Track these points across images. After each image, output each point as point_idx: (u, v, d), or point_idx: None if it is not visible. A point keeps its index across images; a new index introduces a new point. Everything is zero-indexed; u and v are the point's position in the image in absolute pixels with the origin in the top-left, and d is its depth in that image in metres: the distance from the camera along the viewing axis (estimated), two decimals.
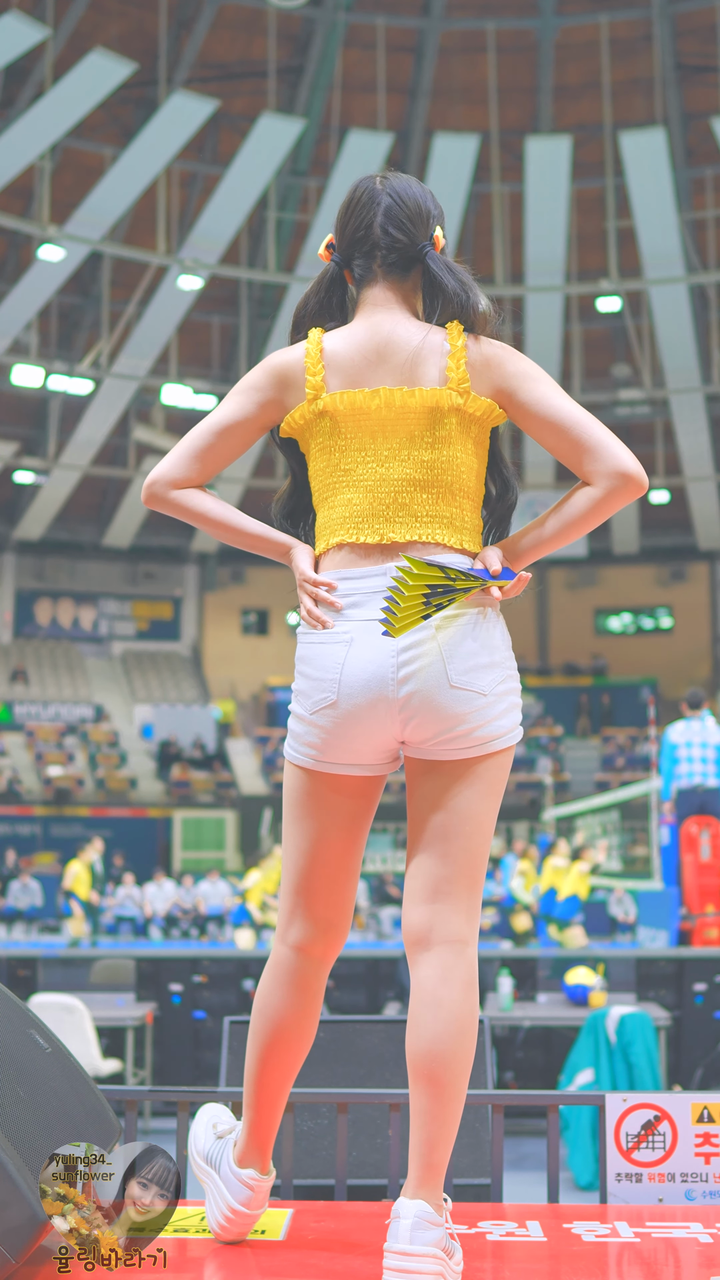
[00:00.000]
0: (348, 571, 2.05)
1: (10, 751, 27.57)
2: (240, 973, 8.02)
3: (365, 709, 2.02)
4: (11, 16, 20.14)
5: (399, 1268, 1.87)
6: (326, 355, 2.09)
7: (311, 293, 2.19)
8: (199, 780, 27.65)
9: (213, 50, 24.66)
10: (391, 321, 2.10)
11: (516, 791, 27.32)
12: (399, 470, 2.05)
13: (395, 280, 2.14)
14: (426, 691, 1.99)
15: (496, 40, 24.22)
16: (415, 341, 2.07)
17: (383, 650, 2.00)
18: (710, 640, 31.46)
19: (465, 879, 2.04)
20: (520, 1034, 7.44)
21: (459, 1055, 1.98)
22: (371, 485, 2.06)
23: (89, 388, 25.49)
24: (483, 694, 2.01)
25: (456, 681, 2.00)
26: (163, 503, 2.14)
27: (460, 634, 2.01)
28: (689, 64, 24.57)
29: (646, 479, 2.04)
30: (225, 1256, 2.11)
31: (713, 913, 8.81)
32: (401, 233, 2.12)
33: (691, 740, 9.08)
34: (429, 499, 2.05)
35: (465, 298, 2.09)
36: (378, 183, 2.17)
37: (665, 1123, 2.50)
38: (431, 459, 2.05)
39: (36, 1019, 2.49)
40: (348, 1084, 2.98)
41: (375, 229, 2.13)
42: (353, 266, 2.17)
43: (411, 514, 2.05)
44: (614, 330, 27.66)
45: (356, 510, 2.06)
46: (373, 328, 2.10)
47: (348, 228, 2.16)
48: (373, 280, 2.14)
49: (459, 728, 2.01)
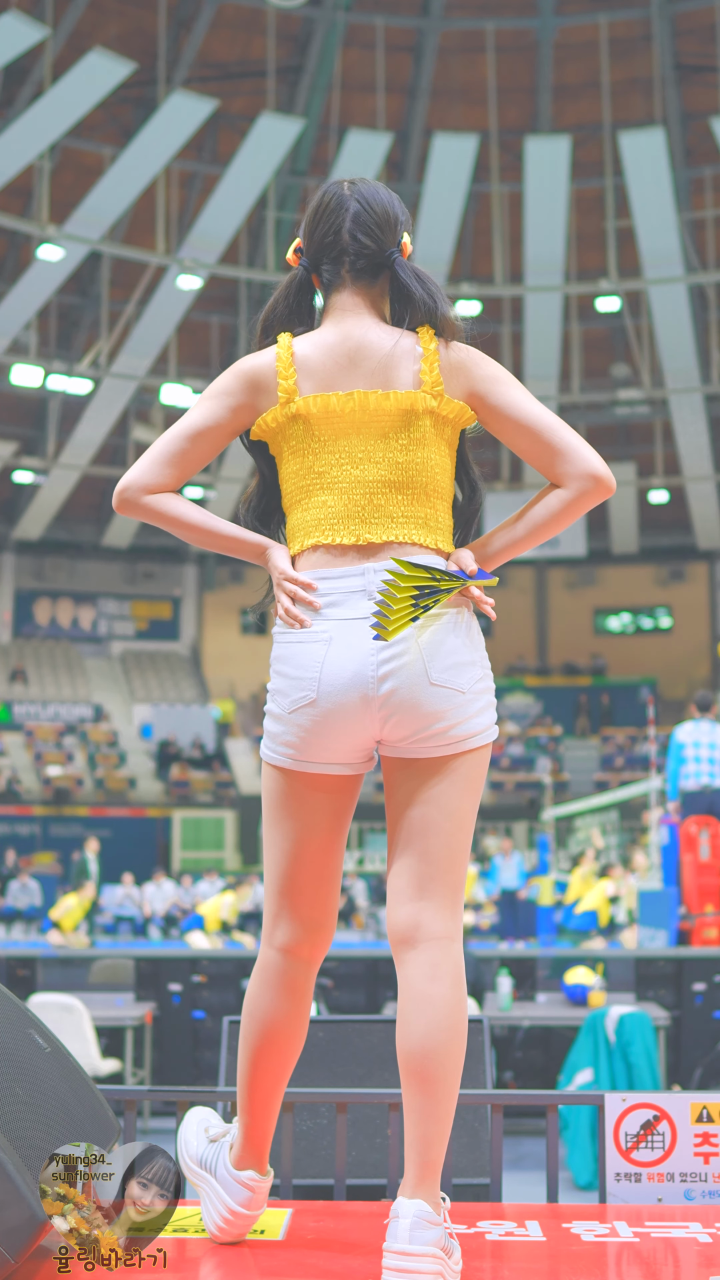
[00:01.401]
0: (325, 572, 2.06)
1: (9, 751, 27.57)
2: (239, 972, 8.03)
3: (344, 707, 2.02)
4: (11, 16, 20.14)
5: (398, 1267, 1.87)
6: (297, 359, 2.10)
7: (280, 297, 2.19)
8: (198, 780, 27.65)
9: (212, 50, 24.66)
10: (362, 327, 2.12)
11: (515, 791, 27.32)
12: (374, 472, 2.07)
13: (364, 286, 2.15)
14: (406, 689, 2.01)
15: (496, 40, 24.22)
16: (387, 346, 2.09)
17: (362, 649, 2.02)
18: (710, 640, 31.46)
19: (447, 876, 2.05)
20: (519, 1034, 7.44)
21: (450, 1051, 1.98)
22: (346, 487, 2.07)
23: (88, 387, 25.49)
24: (461, 691, 2.02)
25: (436, 679, 2.01)
26: (135, 508, 2.14)
27: (440, 633, 2.03)
28: (688, 64, 24.57)
29: (614, 481, 2.08)
30: (224, 1256, 2.11)
31: (712, 912, 8.81)
32: (370, 239, 2.13)
33: (700, 741, 9.09)
34: (404, 500, 2.07)
35: (433, 305, 2.11)
36: (345, 188, 2.17)
37: (664, 1122, 2.50)
38: (406, 460, 2.07)
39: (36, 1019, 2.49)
40: (347, 1084, 2.99)
41: (344, 235, 2.14)
42: (320, 271, 2.18)
43: (387, 515, 2.06)
44: (613, 330, 27.66)
45: (332, 512, 2.07)
46: (343, 333, 2.12)
47: (316, 233, 2.17)
48: (341, 285, 2.15)
49: (437, 725, 2.02)
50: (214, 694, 31.14)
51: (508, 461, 27.76)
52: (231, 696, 31.29)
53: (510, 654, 31.17)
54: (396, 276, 2.13)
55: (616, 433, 29.77)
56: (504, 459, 27.68)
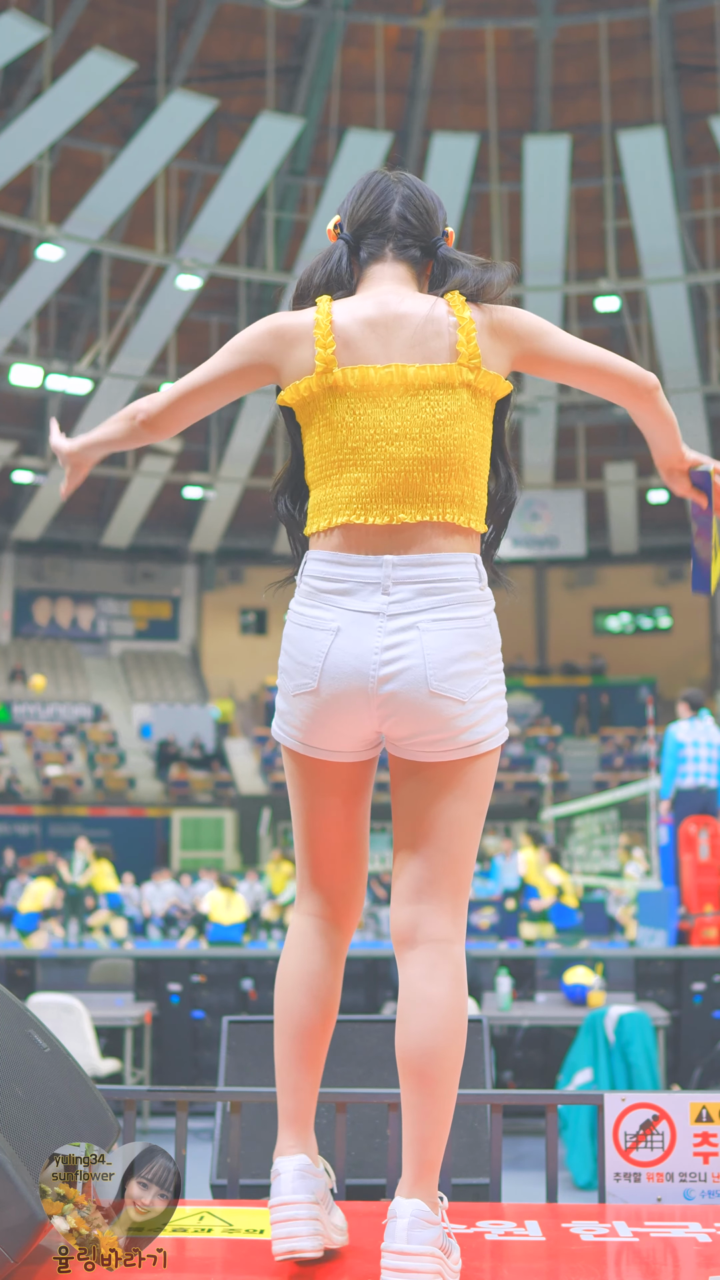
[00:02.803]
0: (344, 557, 2.03)
1: (9, 751, 27.57)
2: (239, 973, 8.03)
3: (344, 700, 2.01)
4: (10, 16, 20.13)
5: (397, 1267, 1.87)
6: (336, 328, 2.06)
7: (318, 264, 2.16)
8: (197, 780, 27.65)
9: (211, 50, 24.65)
10: (398, 297, 2.09)
11: (515, 791, 27.32)
12: (410, 449, 2.02)
13: (405, 262, 2.14)
14: (405, 695, 1.99)
15: (495, 40, 24.22)
16: (422, 314, 2.06)
17: (368, 645, 1.99)
18: (709, 640, 31.47)
19: (449, 880, 2.03)
20: (519, 1034, 7.44)
21: (449, 1051, 1.97)
22: (380, 465, 2.03)
23: (88, 387, 25.48)
24: (461, 701, 1.99)
25: (436, 688, 1.98)
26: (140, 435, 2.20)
27: (447, 639, 1.99)
28: (688, 64, 24.57)
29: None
30: (224, 1256, 2.11)
31: (711, 912, 8.81)
32: (419, 220, 2.14)
33: (698, 740, 9.06)
34: (440, 478, 2.03)
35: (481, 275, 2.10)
36: (393, 176, 2.18)
37: (664, 1122, 2.50)
38: (443, 436, 2.03)
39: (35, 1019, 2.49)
40: (346, 1084, 2.98)
41: (392, 214, 2.14)
42: (361, 246, 2.16)
43: (422, 494, 2.02)
44: (613, 330, 27.65)
45: (364, 490, 2.03)
46: (380, 303, 2.08)
47: (360, 209, 2.15)
48: (381, 258, 2.14)
49: (435, 733, 2.00)
50: (213, 694, 31.14)
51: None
52: (231, 696, 31.29)
53: (509, 654, 31.15)
54: (441, 260, 2.13)
55: (616, 432, 29.78)
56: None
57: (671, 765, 9.22)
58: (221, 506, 29.22)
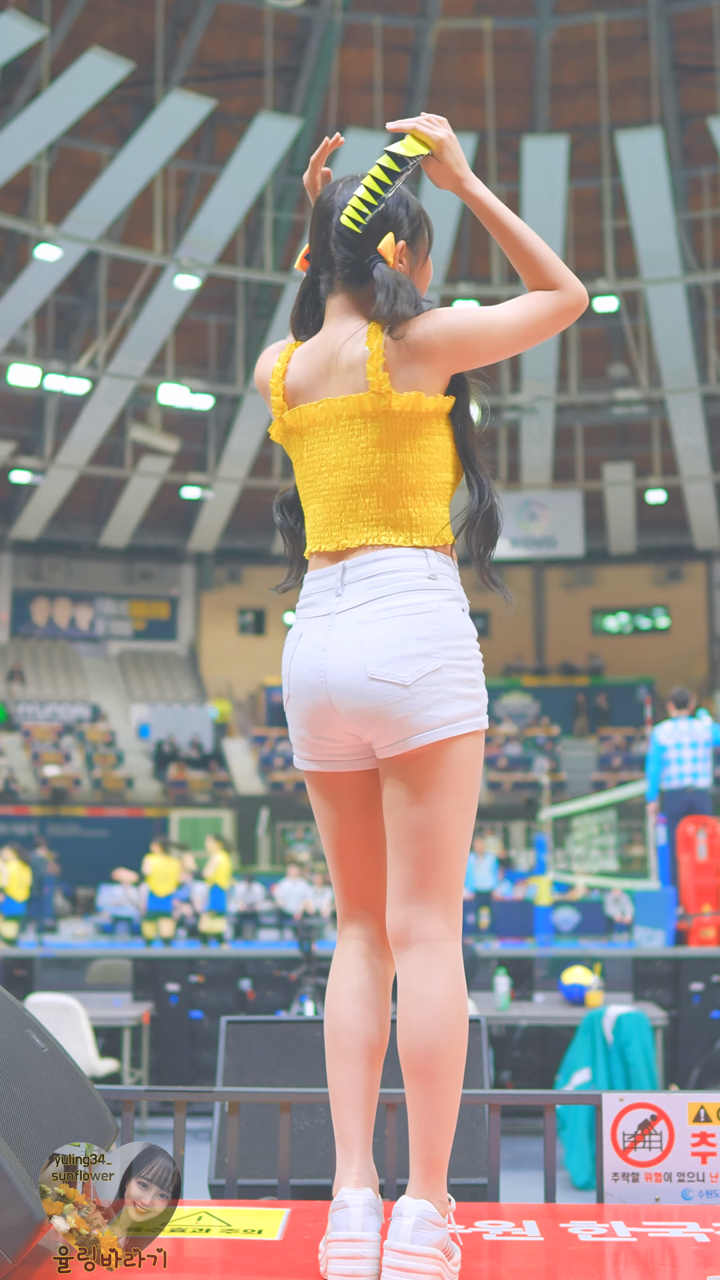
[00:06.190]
0: (314, 573, 2.13)
1: (7, 751, 27.57)
2: (237, 973, 8.04)
3: (308, 702, 2.08)
4: (8, 16, 20.12)
5: (398, 1266, 1.88)
6: (290, 372, 2.15)
7: (296, 303, 2.25)
8: (195, 780, 27.65)
9: (210, 50, 24.64)
10: (341, 331, 2.12)
11: (513, 791, 27.33)
12: (344, 478, 2.10)
13: (353, 290, 2.14)
14: (344, 684, 2.02)
15: (493, 40, 24.22)
16: (347, 348, 2.10)
17: (316, 644, 2.06)
18: (707, 640, 31.47)
19: (437, 879, 2.03)
20: (517, 1033, 7.44)
21: (450, 1048, 1.98)
22: (327, 495, 2.12)
23: (86, 387, 25.47)
24: (403, 684, 1.99)
25: (374, 673, 2.00)
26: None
27: (385, 626, 2.01)
28: (686, 64, 24.58)
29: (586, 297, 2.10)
30: (224, 1256, 2.11)
31: (709, 912, 8.81)
32: (350, 250, 2.12)
33: (680, 741, 9.05)
34: (373, 503, 2.08)
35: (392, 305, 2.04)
36: (336, 193, 2.17)
37: (662, 1122, 2.50)
38: (367, 464, 2.08)
39: (33, 1019, 2.49)
40: None
41: (330, 247, 2.14)
42: (319, 280, 2.20)
43: (359, 519, 2.08)
44: (611, 330, 27.66)
45: (319, 520, 2.13)
46: (326, 340, 2.14)
47: (312, 244, 2.20)
48: (334, 291, 2.17)
49: (384, 720, 2.00)
50: (211, 694, 31.14)
51: (507, 461, 27.77)
52: (229, 696, 31.28)
53: (508, 654, 31.18)
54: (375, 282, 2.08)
55: (614, 433, 29.79)
56: (503, 459, 27.69)
57: (655, 769, 9.22)
58: (220, 506, 29.22)
